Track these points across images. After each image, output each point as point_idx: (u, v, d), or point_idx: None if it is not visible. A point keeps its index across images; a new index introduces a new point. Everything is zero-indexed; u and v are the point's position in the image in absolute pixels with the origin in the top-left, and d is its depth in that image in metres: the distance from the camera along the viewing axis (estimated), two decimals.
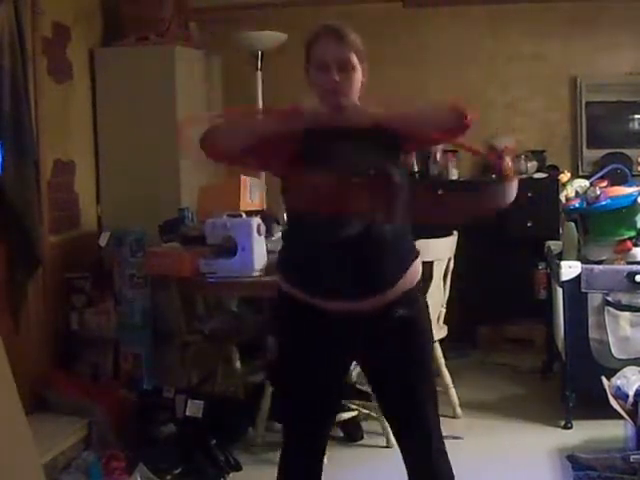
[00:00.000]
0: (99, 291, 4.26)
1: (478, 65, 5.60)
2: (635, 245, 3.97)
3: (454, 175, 5.49)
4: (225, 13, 5.55)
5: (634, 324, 3.83)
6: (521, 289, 5.03)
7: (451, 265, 4.07)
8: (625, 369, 3.60)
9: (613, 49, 5.44)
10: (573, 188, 4.27)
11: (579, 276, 3.83)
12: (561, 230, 4.75)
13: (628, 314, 3.84)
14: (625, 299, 3.83)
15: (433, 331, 2.45)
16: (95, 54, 4.75)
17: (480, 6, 5.53)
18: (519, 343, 5.26)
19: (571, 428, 3.86)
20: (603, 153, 5.37)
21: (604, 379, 3.55)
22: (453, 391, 4.12)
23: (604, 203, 3.96)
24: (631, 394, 3.38)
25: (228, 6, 5.55)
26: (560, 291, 3.98)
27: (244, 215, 3.85)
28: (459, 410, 4.12)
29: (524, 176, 5.39)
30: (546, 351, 4.74)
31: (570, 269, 3.85)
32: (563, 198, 4.35)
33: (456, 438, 3.70)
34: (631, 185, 4.10)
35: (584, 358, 3.85)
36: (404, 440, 2.34)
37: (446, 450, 2.33)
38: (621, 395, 3.42)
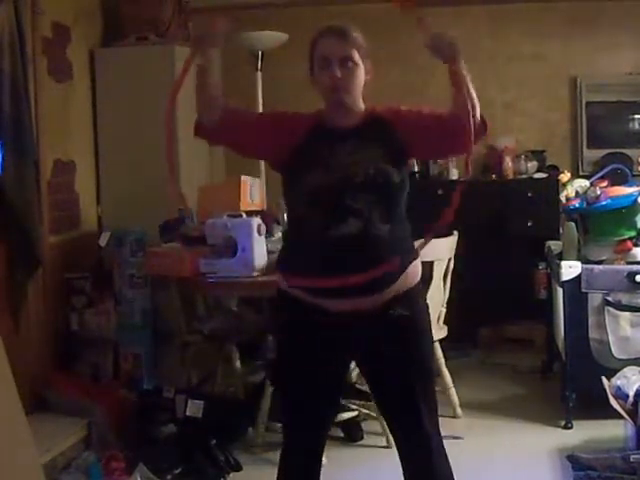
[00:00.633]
0: (99, 291, 4.26)
1: (478, 65, 5.55)
2: (635, 245, 3.97)
3: (454, 175, 5.49)
4: (225, 13, 5.54)
5: (634, 324, 3.83)
6: (521, 289, 5.04)
7: (451, 265, 4.06)
8: (625, 369, 3.60)
9: (613, 49, 5.44)
10: (573, 188, 4.27)
11: (579, 276, 3.83)
12: (561, 230, 4.75)
13: (628, 314, 3.83)
14: (625, 299, 3.83)
15: (433, 332, 2.45)
16: (95, 54, 4.75)
17: (480, 6, 5.53)
18: (519, 343, 5.25)
19: (571, 428, 3.86)
20: (603, 153, 5.37)
21: (604, 379, 3.55)
22: (453, 391, 4.12)
23: (604, 203, 3.96)
24: (631, 394, 3.38)
25: (228, 6, 5.54)
26: (560, 291, 3.98)
27: (244, 215, 3.84)
28: (459, 410, 4.12)
29: (524, 176, 5.40)
30: (546, 351, 4.74)
31: (570, 269, 3.85)
32: (563, 198, 4.35)
33: (456, 438, 3.70)
34: (631, 185, 4.10)
35: (584, 358, 3.85)
36: (402, 441, 2.34)
37: (445, 451, 2.33)
38: (621, 395, 3.42)
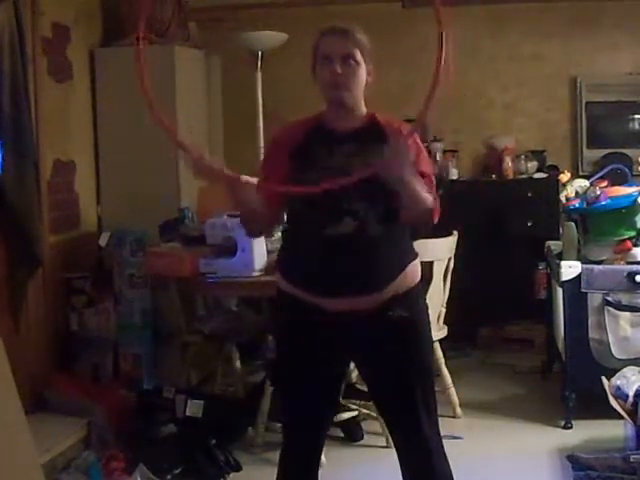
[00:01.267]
0: (99, 291, 4.26)
1: (478, 65, 5.60)
2: (635, 245, 3.96)
3: (454, 175, 5.48)
4: (225, 13, 5.55)
5: (634, 324, 3.83)
6: (521, 289, 5.04)
7: (451, 265, 4.06)
8: (625, 369, 3.60)
9: (613, 49, 5.43)
10: (573, 188, 4.27)
11: (579, 276, 3.83)
12: (561, 230, 4.75)
13: (628, 314, 3.83)
14: (625, 299, 3.83)
15: (433, 332, 2.45)
16: (95, 54, 4.74)
17: (480, 6, 5.52)
18: (519, 343, 5.25)
19: (571, 428, 3.86)
20: (603, 153, 5.36)
21: (604, 379, 3.55)
22: (453, 391, 4.12)
23: (604, 203, 3.96)
24: (631, 394, 3.38)
25: (228, 6, 5.55)
26: (560, 291, 3.98)
27: None
28: (459, 410, 4.12)
29: (524, 176, 5.40)
30: (546, 351, 4.73)
31: (570, 269, 3.84)
32: (563, 198, 4.35)
33: (456, 438, 3.71)
34: (631, 185, 4.09)
35: (584, 358, 3.85)
36: (402, 441, 2.34)
37: (445, 451, 2.33)
38: (621, 395, 3.42)
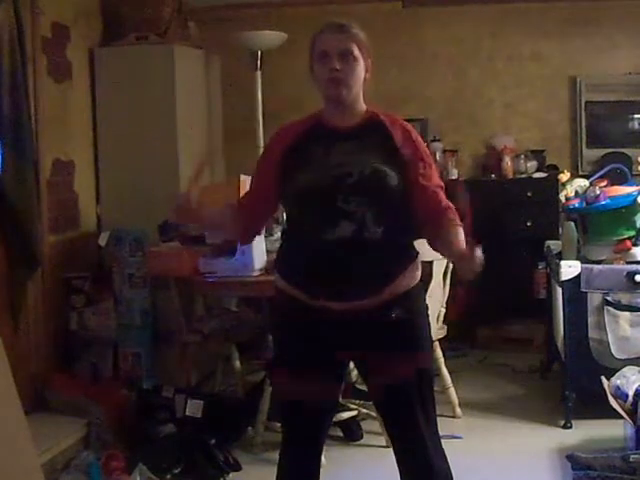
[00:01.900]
0: (98, 291, 4.26)
1: (478, 65, 5.60)
2: (635, 245, 3.96)
3: (454, 175, 5.48)
4: (225, 13, 5.55)
5: (634, 324, 3.83)
6: (520, 289, 5.04)
7: (451, 265, 4.06)
8: (625, 369, 3.60)
9: (613, 49, 5.43)
10: (573, 188, 4.26)
11: (579, 276, 3.83)
12: (561, 230, 4.75)
13: (628, 314, 3.83)
14: (625, 299, 3.83)
15: (432, 332, 2.45)
16: (95, 54, 4.75)
17: (480, 6, 5.53)
18: (519, 343, 5.25)
19: (571, 428, 3.86)
20: (603, 153, 5.37)
21: (604, 379, 3.55)
22: (452, 391, 4.12)
23: (604, 203, 3.96)
24: (631, 394, 3.38)
25: (228, 6, 5.55)
26: (560, 291, 3.98)
27: None
28: (459, 410, 4.12)
29: (524, 176, 5.41)
30: (546, 351, 4.74)
31: (570, 269, 3.84)
32: (563, 198, 4.34)
33: (455, 438, 3.71)
34: (631, 185, 4.09)
35: (584, 358, 3.85)
36: (400, 441, 2.33)
37: (444, 450, 2.33)
38: (621, 395, 3.42)
